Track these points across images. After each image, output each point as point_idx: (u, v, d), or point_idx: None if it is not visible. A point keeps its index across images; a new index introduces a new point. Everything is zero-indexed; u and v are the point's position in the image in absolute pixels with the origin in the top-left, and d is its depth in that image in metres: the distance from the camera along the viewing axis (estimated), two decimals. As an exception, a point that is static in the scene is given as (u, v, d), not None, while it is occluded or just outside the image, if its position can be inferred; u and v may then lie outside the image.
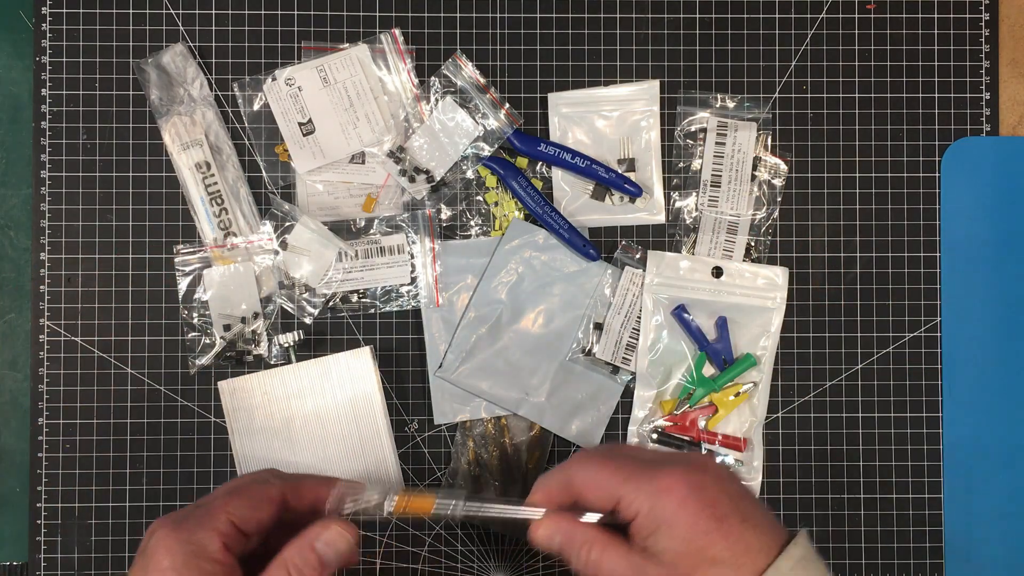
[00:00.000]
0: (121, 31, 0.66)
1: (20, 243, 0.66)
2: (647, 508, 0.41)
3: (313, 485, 0.47)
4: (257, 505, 0.44)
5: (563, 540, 0.44)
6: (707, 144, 0.66)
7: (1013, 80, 0.68)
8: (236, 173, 0.65)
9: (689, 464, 0.43)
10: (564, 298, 0.66)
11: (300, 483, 0.47)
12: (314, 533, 0.44)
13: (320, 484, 0.48)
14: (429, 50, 0.67)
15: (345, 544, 0.45)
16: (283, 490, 0.46)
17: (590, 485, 0.44)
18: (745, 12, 0.67)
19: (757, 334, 0.66)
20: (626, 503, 0.42)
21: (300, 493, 0.47)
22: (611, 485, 0.43)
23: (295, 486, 0.47)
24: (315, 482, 0.48)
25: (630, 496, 0.42)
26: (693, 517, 0.41)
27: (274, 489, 0.45)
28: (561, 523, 0.44)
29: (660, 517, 0.41)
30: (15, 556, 0.66)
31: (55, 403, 0.65)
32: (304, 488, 0.47)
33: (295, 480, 0.47)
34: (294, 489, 0.46)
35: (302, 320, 0.65)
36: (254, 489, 0.45)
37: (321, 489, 0.48)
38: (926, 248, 0.67)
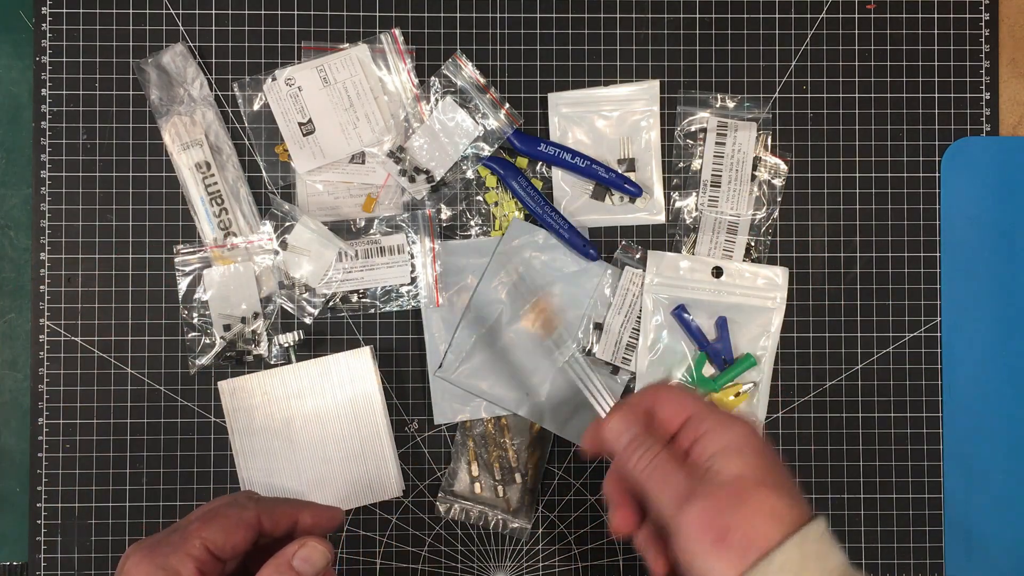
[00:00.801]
0: (121, 31, 0.66)
1: (20, 243, 0.66)
2: (717, 429, 0.44)
3: (289, 509, 0.47)
4: (232, 530, 0.44)
5: (631, 439, 0.46)
6: (707, 144, 0.66)
7: (1013, 80, 0.68)
8: (236, 173, 0.65)
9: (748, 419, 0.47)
10: (564, 298, 0.66)
11: (276, 507, 0.47)
12: (291, 550, 0.45)
13: (296, 508, 0.48)
14: (429, 50, 0.67)
15: (323, 559, 0.45)
16: (258, 514, 0.46)
17: (669, 398, 0.47)
18: (745, 12, 0.67)
19: (757, 334, 0.66)
20: (694, 423, 0.45)
21: (276, 517, 0.46)
22: (689, 401, 0.46)
23: (271, 510, 0.46)
24: (291, 506, 0.48)
25: (701, 416, 0.45)
26: (755, 448, 0.43)
27: (249, 513, 0.45)
28: (634, 422, 0.47)
29: (724, 440, 0.43)
30: (15, 556, 0.65)
31: (55, 403, 0.65)
32: (280, 512, 0.47)
33: (271, 504, 0.47)
34: (270, 513, 0.46)
35: (302, 320, 0.65)
36: (229, 513, 0.45)
37: (297, 513, 0.47)
38: (926, 248, 0.67)
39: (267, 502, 0.47)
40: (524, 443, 0.66)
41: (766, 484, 0.42)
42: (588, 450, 0.49)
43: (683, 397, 0.47)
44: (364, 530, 0.66)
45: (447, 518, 0.66)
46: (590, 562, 0.66)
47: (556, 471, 0.66)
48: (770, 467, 0.43)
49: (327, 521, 0.49)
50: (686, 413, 0.46)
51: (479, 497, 0.66)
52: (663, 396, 0.47)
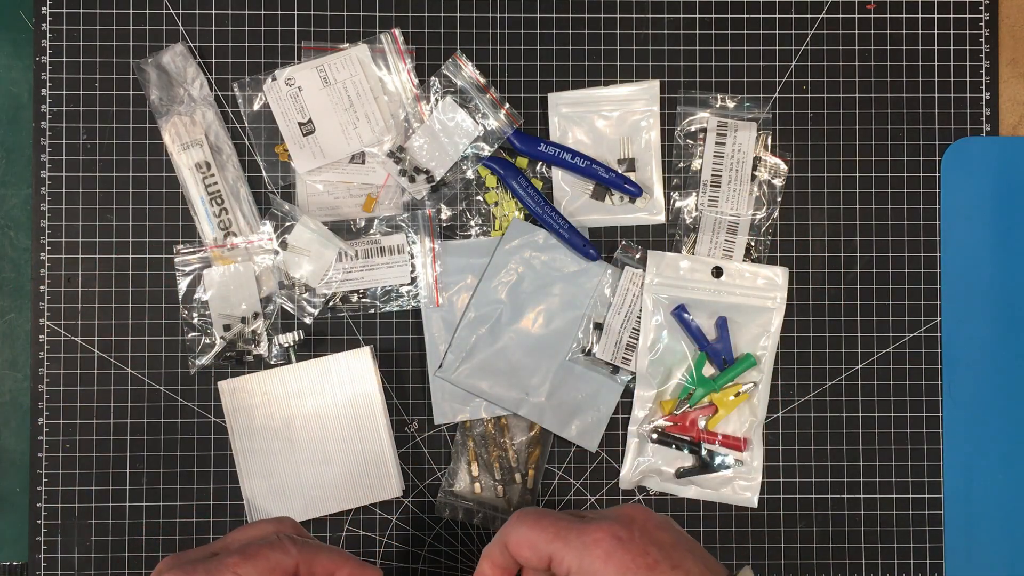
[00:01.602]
0: (121, 31, 0.66)
1: (20, 243, 0.66)
2: (576, 564, 0.42)
3: (328, 563, 0.47)
4: (269, 574, 0.44)
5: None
6: (707, 144, 0.66)
7: (1013, 80, 0.68)
8: (236, 173, 0.65)
9: (617, 517, 0.44)
10: (564, 298, 0.66)
11: (316, 557, 0.47)
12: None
13: (336, 562, 0.48)
14: (429, 50, 0.67)
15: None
16: (298, 562, 0.46)
17: (524, 544, 0.44)
18: (745, 12, 0.67)
19: (757, 334, 0.66)
20: (557, 560, 0.43)
21: (314, 569, 0.46)
22: (541, 542, 0.43)
23: (310, 559, 0.46)
24: (331, 559, 0.47)
25: (560, 553, 0.42)
26: (621, 569, 0.41)
27: (290, 562, 0.45)
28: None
29: (589, 571, 0.41)
30: (15, 556, 0.66)
31: (55, 403, 0.65)
32: (319, 565, 0.47)
33: (311, 553, 0.46)
34: (309, 562, 0.46)
35: (302, 320, 0.65)
36: (270, 556, 0.45)
37: (337, 568, 0.47)
38: (926, 248, 0.67)
39: (308, 551, 0.46)
40: (524, 443, 0.66)
41: None
42: None
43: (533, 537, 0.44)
44: (364, 530, 0.66)
45: (447, 518, 0.66)
46: (590, 562, 0.66)
47: (556, 471, 0.66)
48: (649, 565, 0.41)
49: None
50: (545, 557, 0.43)
51: (479, 497, 0.66)
52: (515, 547, 0.44)
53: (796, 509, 0.66)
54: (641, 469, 0.65)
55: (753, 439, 0.65)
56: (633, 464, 0.65)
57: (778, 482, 0.66)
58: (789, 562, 0.66)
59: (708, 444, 0.65)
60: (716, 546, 0.66)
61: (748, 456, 0.65)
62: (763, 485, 0.66)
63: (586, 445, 0.66)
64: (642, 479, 0.65)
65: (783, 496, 0.66)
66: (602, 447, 0.66)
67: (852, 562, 0.66)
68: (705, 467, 0.65)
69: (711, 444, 0.65)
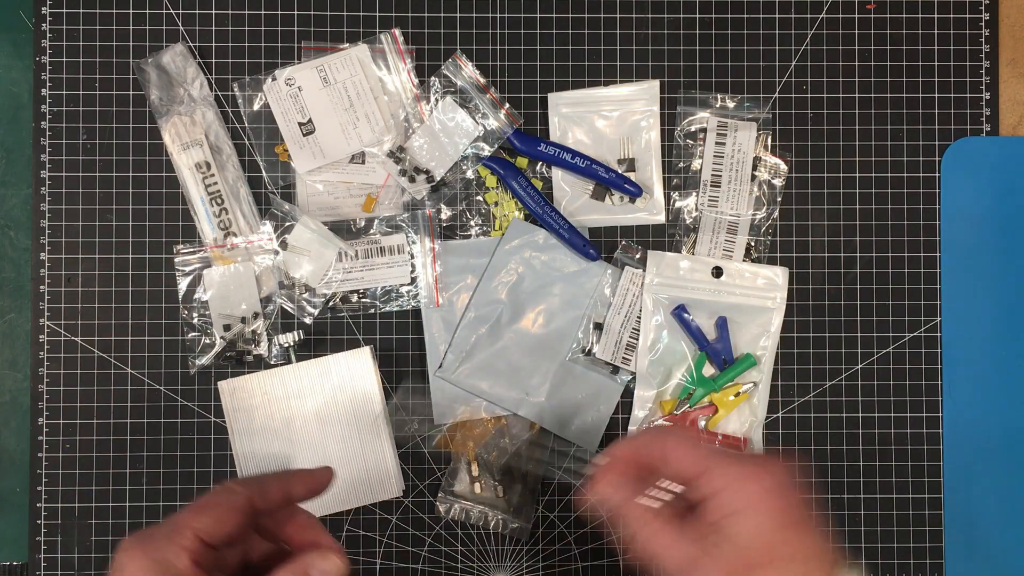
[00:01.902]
0: (121, 31, 0.66)
1: (20, 243, 0.66)
2: (730, 488, 0.41)
3: (279, 484, 0.47)
4: (223, 517, 0.44)
5: (620, 506, 0.44)
6: (707, 144, 0.66)
7: (1013, 80, 0.68)
8: (236, 173, 0.65)
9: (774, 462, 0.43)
10: (564, 298, 0.66)
11: (265, 485, 0.47)
12: (310, 559, 0.45)
13: (286, 480, 0.48)
14: (429, 50, 0.67)
15: (339, 574, 0.45)
16: (248, 496, 0.46)
17: (679, 452, 0.44)
18: (745, 12, 0.67)
19: (757, 334, 0.66)
20: (708, 479, 0.42)
21: (267, 495, 0.47)
22: (699, 457, 0.43)
23: (260, 487, 0.46)
24: (280, 480, 0.48)
25: (716, 471, 0.42)
26: (775, 509, 0.40)
27: (240, 498, 0.45)
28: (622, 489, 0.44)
29: (741, 500, 0.41)
30: (15, 556, 0.66)
31: (55, 403, 0.65)
32: (271, 489, 0.47)
33: (260, 483, 0.47)
34: (259, 491, 0.46)
35: (302, 320, 0.65)
36: (220, 502, 0.45)
37: (289, 485, 0.48)
38: (926, 248, 0.67)
39: (255, 482, 0.47)
40: (524, 443, 0.66)
41: (781, 555, 0.40)
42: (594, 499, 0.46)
43: (695, 452, 0.43)
44: (364, 530, 0.66)
45: (447, 518, 0.66)
46: (590, 562, 0.66)
47: (556, 471, 0.66)
48: (791, 528, 0.41)
49: (319, 485, 0.49)
50: (696, 471, 0.43)
51: (479, 497, 0.66)
52: (672, 449, 0.44)
53: (796, 509, 0.66)
54: (641, 469, 0.65)
55: (753, 439, 0.65)
56: (633, 464, 0.65)
57: (778, 482, 0.66)
58: (789, 562, 0.66)
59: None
60: (716, 546, 0.66)
61: (748, 456, 0.65)
62: (763, 485, 0.66)
63: (586, 445, 0.66)
64: (642, 479, 0.65)
65: (783, 496, 0.66)
66: (602, 447, 0.66)
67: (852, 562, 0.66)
68: (705, 467, 0.65)
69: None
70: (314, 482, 0.49)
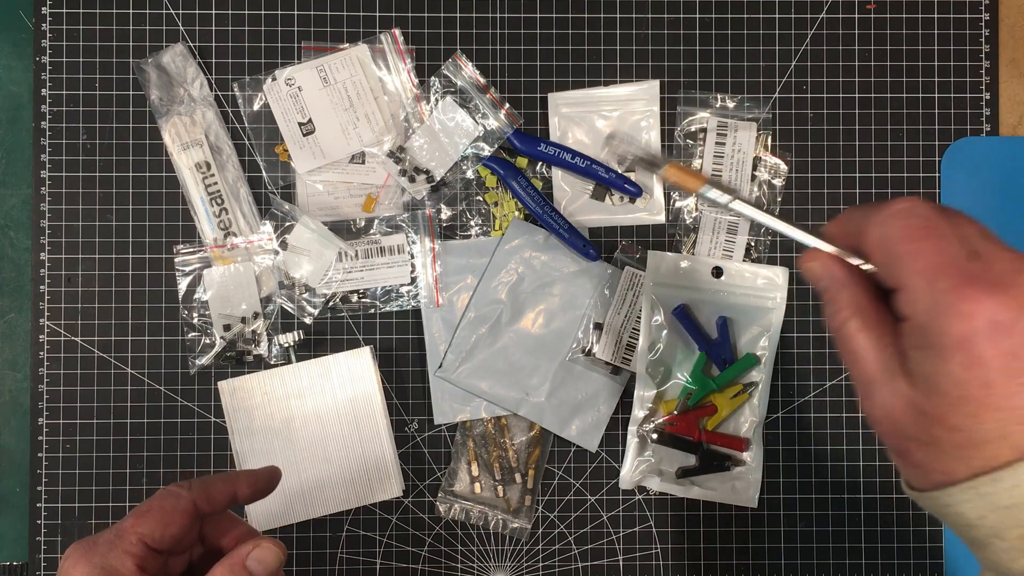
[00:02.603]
0: (121, 31, 0.66)
1: (20, 243, 0.66)
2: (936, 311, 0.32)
3: (223, 485, 0.47)
4: (167, 520, 0.44)
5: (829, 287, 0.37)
6: (707, 144, 0.66)
7: (1013, 80, 0.68)
8: (236, 173, 0.65)
9: None
10: (564, 298, 0.66)
11: (209, 486, 0.47)
12: (245, 551, 0.44)
13: (231, 481, 0.47)
14: (429, 50, 0.67)
15: (276, 560, 0.45)
16: (192, 499, 0.45)
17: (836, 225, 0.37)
18: (745, 12, 0.67)
19: (757, 334, 0.66)
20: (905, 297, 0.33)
21: (212, 496, 0.46)
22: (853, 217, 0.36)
23: (204, 490, 0.46)
24: (225, 481, 0.47)
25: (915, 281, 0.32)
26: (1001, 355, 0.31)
27: (183, 501, 0.45)
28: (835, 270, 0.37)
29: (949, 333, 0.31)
30: (15, 556, 0.65)
31: (55, 403, 0.65)
32: (215, 490, 0.47)
33: (204, 485, 0.46)
34: (203, 493, 0.46)
35: (302, 320, 0.65)
36: (163, 505, 0.45)
37: (234, 486, 0.47)
38: (926, 248, 0.67)
39: (199, 484, 0.46)
40: (524, 443, 0.66)
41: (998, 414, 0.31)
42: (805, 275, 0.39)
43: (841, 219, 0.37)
44: (364, 530, 0.66)
45: (447, 518, 0.66)
46: (590, 562, 0.66)
47: (556, 471, 0.66)
48: None
49: (265, 484, 0.49)
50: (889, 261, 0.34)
51: (479, 497, 0.66)
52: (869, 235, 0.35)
53: (796, 509, 0.66)
54: (641, 469, 0.65)
55: (753, 439, 0.65)
56: (633, 464, 0.65)
57: (778, 482, 0.66)
58: (789, 562, 0.66)
59: (708, 444, 0.65)
60: (716, 546, 0.66)
61: (748, 456, 0.65)
62: (763, 485, 0.66)
63: (586, 445, 0.66)
64: (642, 479, 0.65)
65: (783, 496, 0.66)
66: (602, 447, 0.66)
67: (852, 562, 0.66)
68: (705, 467, 0.65)
69: (711, 444, 0.65)
70: (260, 482, 0.48)
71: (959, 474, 0.32)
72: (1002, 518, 0.32)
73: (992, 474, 0.31)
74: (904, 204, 0.34)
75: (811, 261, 0.38)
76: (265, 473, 0.49)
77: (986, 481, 0.32)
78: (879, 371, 0.34)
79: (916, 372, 0.33)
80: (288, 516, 0.64)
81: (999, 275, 0.31)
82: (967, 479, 0.32)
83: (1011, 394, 0.31)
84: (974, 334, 0.31)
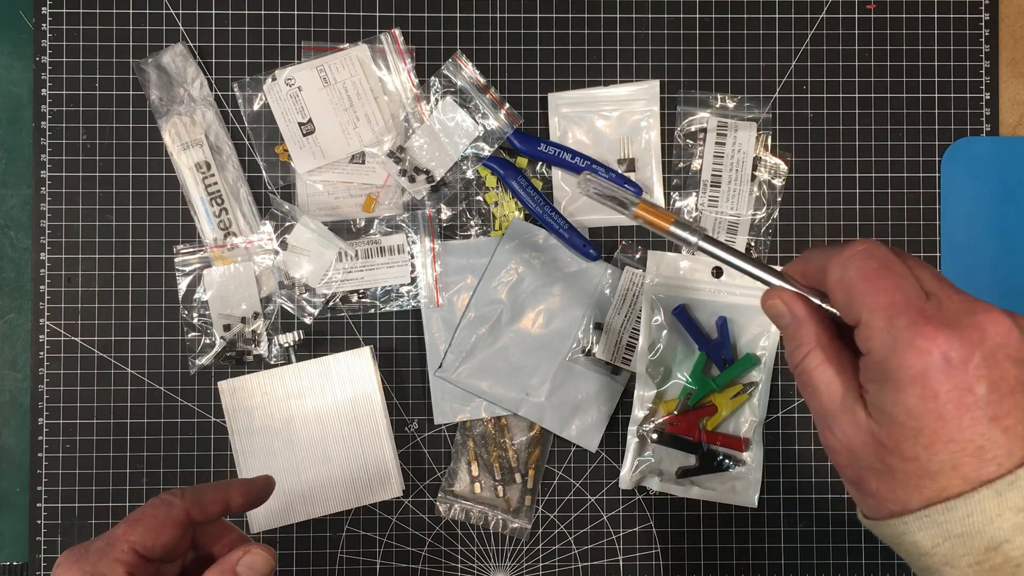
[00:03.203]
0: (121, 31, 0.66)
1: (20, 243, 0.66)
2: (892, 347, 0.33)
3: (216, 494, 0.47)
4: (159, 529, 0.44)
5: (791, 324, 0.38)
6: (707, 144, 0.66)
7: (1013, 80, 0.68)
8: (236, 173, 0.65)
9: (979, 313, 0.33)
10: (564, 298, 0.66)
11: (203, 495, 0.46)
12: (236, 557, 0.44)
13: (224, 490, 0.47)
14: (429, 50, 0.67)
15: (267, 567, 0.45)
16: (184, 507, 0.45)
17: (795, 267, 0.39)
18: (745, 12, 0.67)
19: (757, 334, 0.66)
20: (863, 325, 0.34)
21: (205, 505, 0.46)
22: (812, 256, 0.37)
23: (196, 499, 0.46)
24: (218, 490, 0.47)
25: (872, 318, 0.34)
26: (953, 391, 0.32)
27: (176, 510, 0.45)
28: (796, 308, 0.38)
29: (904, 368, 0.32)
30: (15, 556, 0.65)
31: (55, 403, 0.65)
32: (208, 500, 0.46)
33: (197, 494, 0.46)
34: (196, 503, 0.46)
35: (302, 320, 0.65)
36: (156, 514, 0.45)
37: (227, 495, 0.47)
38: (926, 248, 0.67)
39: (192, 493, 0.46)
40: (524, 443, 0.66)
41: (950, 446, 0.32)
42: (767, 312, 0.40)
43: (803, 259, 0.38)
44: (364, 530, 0.66)
45: (447, 518, 0.66)
46: (590, 562, 0.66)
47: (556, 471, 0.66)
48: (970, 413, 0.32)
49: (259, 493, 0.49)
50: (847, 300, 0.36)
51: (479, 497, 0.66)
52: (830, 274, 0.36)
53: (796, 509, 0.66)
54: (641, 469, 0.65)
55: (753, 439, 0.65)
56: (633, 464, 0.65)
57: (778, 482, 0.66)
58: (789, 562, 0.66)
59: (708, 444, 0.65)
60: (716, 546, 0.66)
61: (748, 456, 0.65)
62: (763, 485, 0.66)
63: (586, 445, 0.66)
64: (642, 479, 0.65)
65: (783, 496, 0.66)
66: (602, 447, 0.66)
67: (852, 562, 0.66)
68: (705, 467, 0.65)
69: (711, 444, 0.65)
70: (253, 491, 0.48)
71: (913, 503, 0.33)
72: (954, 546, 0.33)
73: (945, 503, 0.33)
74: (863, 246, 0.36)
75: (773, 299, 0.39)
76: (259, 482, 0.49)
77: (940, 510, 0.33)
78: (839, 403, 0.36)
79: (874, 404, 0.34)
80: (288, 516, 0.64)
81: (953, 314, 0.33)
82: (921, 508, 0.33)
83: (963, 427, 0.32)
84: (929, 368, 0.32)
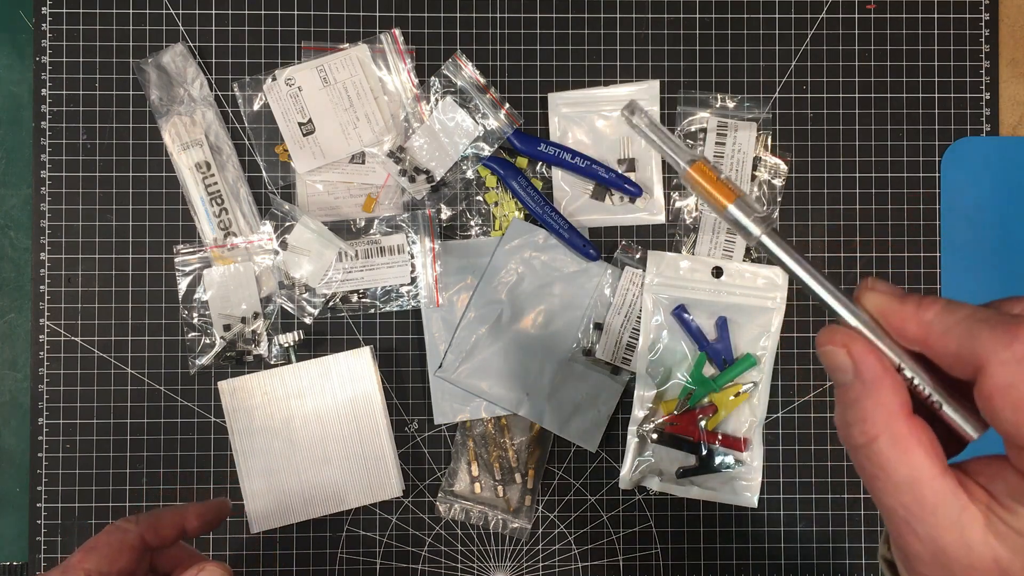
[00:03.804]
0: (121, 31, 0.66)
1: (20, 243, 0.66)
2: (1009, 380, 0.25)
3: (172, 518, 0.47)
4: (114, 556, 0.44)
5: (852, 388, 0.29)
6: (707, 144, 0.66)
7: (1013, 80, 0.68)
8: (236, 173, 0.65)
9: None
10: (564, 298, 0.66)
11: (158, 520, 0.47)
12: (192, 573, 0.45)
13: (180, 514, 0.48)
14: (429, 50, 0.67)
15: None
16: (139, 533, 0.45)
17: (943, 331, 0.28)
18: (745, 12, 0.67)
19: (757, 334, 0.66)
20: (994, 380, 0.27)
21: (160, 530, 0.46)
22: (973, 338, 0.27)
23: (152, 524, 0.46)
24: (173, 514, 0.47)
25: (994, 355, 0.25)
26: None
27: (130, 536, 0.45)
28: (866, 366, 0.29)
29: None
30: (15, 556, 0.65)
31: (55, 403, 0.65)
32: (163, 524, 0.47)
33: (152, 519, 0.46)
34: (151, 527, 0.46)
35: (302, 320, 0.65)
36: (110, 541, 0.45)
37: (182, 519, 0.47)
38: (926, 248, 0.67)
39: (147, 518, 0.46)
40: (524, 443, 0.66)
41: None
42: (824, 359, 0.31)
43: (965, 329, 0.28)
44: (364, 530, 0.66)
45: (447, 518, 0.66)
46: (590, 562, 0.66)
47: (556, 471, 0.66)
48: None
49: (214, 516, 0.49)
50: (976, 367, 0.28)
51: (479, 497, 0.66)
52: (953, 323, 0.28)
53: (796, 509, 0.66)
54: (641, 469, 0.65)
55: (753, 439, 0.65)
56: (633, 464, 0.65)
57: (778, 482, 0.66)
58: (789, 562, 0.66)
59: (708, 444, 0.65)
60: (716, 546, 0.66)
61: (748, 456, 0.65)
62: (763, 485, 0.66)
63: (586, 445, 0.66)
64: (642, 479, 0.65)
65: (783, 496, 0.66)
66: (602, 447, 0.66)
67: (852, 562, 0.66)
68: (705, 467, 0.65)
69: (711, 444, 0.65)
70: (208, 514, 0.48)
71: None
72: None
73: None
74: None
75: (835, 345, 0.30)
76: (214, 506, 0.49)
77: None
78: (938, 510, 0.28)
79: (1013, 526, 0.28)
80: (288, 516, 0.64)
81: None
82: None
83: None
84: None
